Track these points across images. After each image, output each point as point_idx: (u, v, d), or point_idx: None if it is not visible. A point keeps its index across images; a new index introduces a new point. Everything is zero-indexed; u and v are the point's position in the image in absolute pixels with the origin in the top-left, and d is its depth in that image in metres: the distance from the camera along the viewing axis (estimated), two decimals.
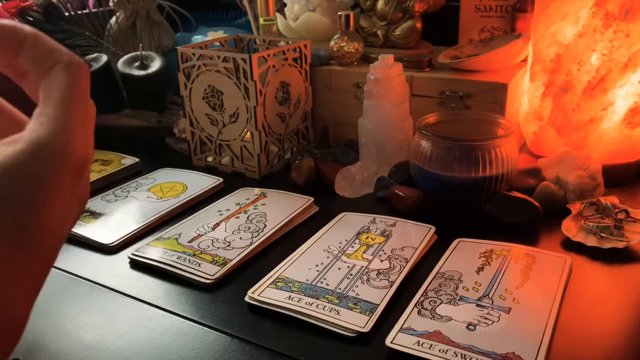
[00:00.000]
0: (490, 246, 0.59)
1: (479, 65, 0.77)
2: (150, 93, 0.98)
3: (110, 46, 1.07)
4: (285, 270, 0.56)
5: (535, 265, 0.55)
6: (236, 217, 0.67)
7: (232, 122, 0.79)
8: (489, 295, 0.51)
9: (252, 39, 0.91)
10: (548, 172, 0.70)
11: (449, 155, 0.65)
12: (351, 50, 0.84)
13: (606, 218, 0.61)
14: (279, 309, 0.50)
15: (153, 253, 0.60)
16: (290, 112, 0.84)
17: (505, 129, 0.67)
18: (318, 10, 0.92)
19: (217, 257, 0.58)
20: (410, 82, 0.79)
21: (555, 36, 0.71)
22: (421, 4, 0.85)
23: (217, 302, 0.53)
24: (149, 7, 1.09)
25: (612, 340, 0.46)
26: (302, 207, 0.68)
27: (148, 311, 0.52)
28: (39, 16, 1.01)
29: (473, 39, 0.89)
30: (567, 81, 0.71)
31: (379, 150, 0.76)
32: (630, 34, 0.66)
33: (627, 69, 0.68)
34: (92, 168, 0.83)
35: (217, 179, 0.78)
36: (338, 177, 0.74)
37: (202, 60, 0.78)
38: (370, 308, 0.49)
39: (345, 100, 0.86)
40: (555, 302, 0.49)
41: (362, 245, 0.60)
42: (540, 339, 0.44)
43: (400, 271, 0.55)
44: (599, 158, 0.71)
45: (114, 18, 1.07)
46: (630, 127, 0.70)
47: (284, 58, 0.80)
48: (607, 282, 0.55)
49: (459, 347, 0.44)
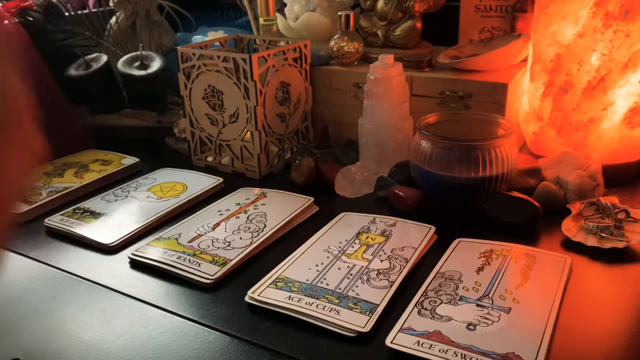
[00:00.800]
0: (490, 246, 0.59)
1: (479, 65, 0.77)
2: (150, 93, 0.98)
3: (110, 46, 1.07)
4: (285, 270, 0.56)
5: (535, 265, 0.55)
6: (236, 217, 0.67)
7: (232, 122, 0.79)
8: (489, 295, 0.51)
9: (252, 39, 0.91)
10: (548, 172, 0.70)
11: (449, 155, 0.65)
12: (351, 50, 0.84)
13: (606, 218, 0.61)
14: (279, 309, 0.50)
15: (153, 253, 0.60)
16: (290, 112, 0.84)
17: (505, 129, 0.67)
18: (318, 10, 0.92)
19: (217, 257, 0.58)
20: (410, 82, 0.79)
21: (555, 36, 0.71)
22: (421, 4, 0.85)
23: (217, 302, 0.53)
24: (149, 7, 1.09)
25: (612, 340, 0.46)
26: (302, 207, 0.68)
27: (148, 311, 0.52)
28: (39, 16, 1.01)
29: (473, 39, 0.89)
30: (567, 81, 0.71)
31: (379, 150, 0.76)
32: (630, 34, 0.66)
33: (627, 69, 0.68)
34: (92, 168, 0.83)
35: (217, 179, 0.78)
36: (338, 177, 0.74)
37: (202, 60, 0.78)
38: (370, 308, 0.49)
39: (345, 100, 0.86)
40: (555, 302, 0.49)
41: (362, 245, 0.60)
42: (540, 339, 0.44)
43: (400, 271, 0.55)
44: (599, 158, 0.71)
45: (114, 18, 1.07)
46: (630, 127, 0.70)
47: (284, 58, 0.80)
48: (607, 282, 0.55)
49: (459, 347, 0.44)
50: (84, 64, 0.97)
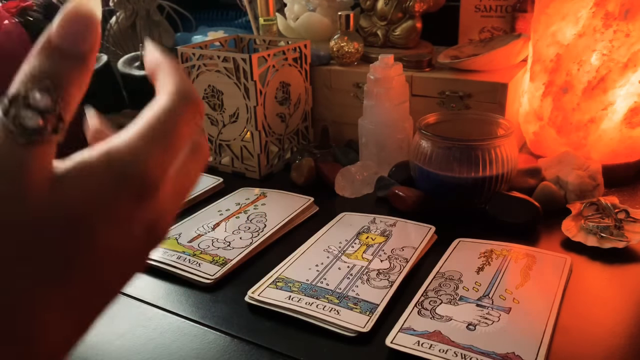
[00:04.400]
0: (490, 246, 0.59)
1: (479, 65, 0.77)
2: (150, 93, 0.98)
3: (110, 46, 1.07)
4: (285, 270, 0.56)
5: (535, 265, 0.55)
6: (236, 217, 0.67)
7: (232, 122, 0.79)
8: (489, 295, 0.51)
9: (252, 39, 0.91)
10: (548, 172, 0.70)
11: (449, 155, 0.65)
12: (351, 50, 0.84)
13: (606, 218, 0.61)
14: (279, 309, 0.50)
15: (153, 253, 0.60)
16: (290, 112, 0.84)
17: (505, 129, 0.67)
18: (318, 10, 0.92)
19: (217, 257, 0.58)
20: (410, 82, 0.79)
21: (555, 36, 0.71)
22: (421, 4, 0.85)
23: (217, 302, 0.53)
24: (149, 7, 1.09)
25: (612, 340, 0.46)
26: (302, 207, 0.68)
27: (148, 311, 0.52)
28: (39, 16, 1.01)
29: (473, 39, 0.89)
30: (567, 81, 0.71)
31: (379, 150, 0.76)
32: (630, 34, 0.66)
33: (627, 69, 0.68)
34: None
35: (217, 179, 0.78)
36: (338, 177, 0.74)
37: (202, 60, 0.78)
38: (370, 308, 0.49)
39: (345, 100, 0.86)
40: (555, 302, 0.49)
41: (362, 245, 0.60)
42: (540, 339, 0.44)
43: (400, 271, 0.55)
44: (599, 158, 0.71)
45: (114, 18, 1.07)
46: (630, 127, 0.70)
47: (284, 58, 0.80)
48: (607, 282, 0.55)
49: (459, 347, 0.44)
50: None
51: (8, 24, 0.93)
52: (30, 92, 0.19)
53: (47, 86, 0.19)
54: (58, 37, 0.21)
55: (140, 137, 0.21)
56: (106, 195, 0.20)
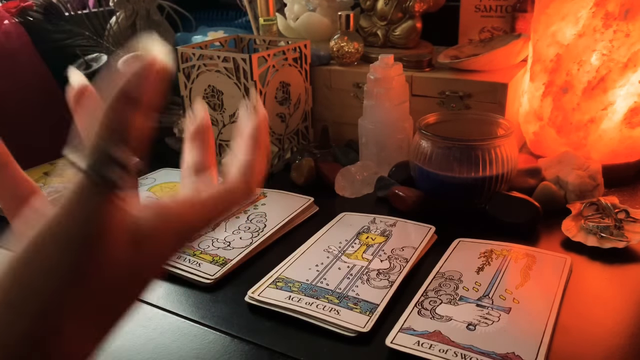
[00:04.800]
0: (490, 246, 0.59)
1: (479, 65, 0.77)
2: None
3: (110, 46, 1.07)
4: (285, 270, 0.56)
5: (535, 265, 0.55)
6: (236, 217, 0.67)
7: (232, 122, 0.79)
8: (489, 295, 0.51)
9: (252, 39, 0.91)
10: (548, 172, 0.70)
11: (449, 155, 0.65)
12: (351, 50, 0.84)
13: (606, 218, 0.61)
14: (279, 309, 0.50)
15: None
16: (290, 112, 0.84)
17: (505, 129, 0.67)
18: (318, 10, 0.92)
19: (217, 257, 0.58)
20: (410, 82, 0.79)
21: (555, 36, 0.71)
22: (421, 4, 0.85)
23: (217, 302, 0.53)
24: (149, 7, 1.08)
25: (612, 340, 0.46)
26: (302, 207, 0.68)
27: (148, 311, 0.52)
28: (39, 16, 1.01)
29: (473, 39, 0.89)
30: (567, 81, 0.71)
31: (379, 150, 0.76)
32: (630, 34, 0.66)
33: (627, 69, 0.68)
34: None
35: None
36: (338, 177, 0.74)
37: (202, 60, 0.78)
38: (370, 308, 0.49)
39: (345, 100, 0.86)
40: (555, 302, 0.49)
41: (362, 245, 0.60)
42: (540, 339, 0.44)
43: (400, 271, 0.55)
44: (599, 158, 0.71)
45: (114, 18, 1.07)
46: (630, 127, 0.70)
47: (284, 58, 0.80)
48: (607, 282, 0.55)
49: (459, 347, 0.44)
50: (84, 64, 0.97)
51: (8, 24, 0.93)
52: (110, 147, 0.21)
53: (124, 139, 0.22)
54: (135, 91, 0.22)
55: (202, 213, 0.27)
56: (169, 257, 0.26)
